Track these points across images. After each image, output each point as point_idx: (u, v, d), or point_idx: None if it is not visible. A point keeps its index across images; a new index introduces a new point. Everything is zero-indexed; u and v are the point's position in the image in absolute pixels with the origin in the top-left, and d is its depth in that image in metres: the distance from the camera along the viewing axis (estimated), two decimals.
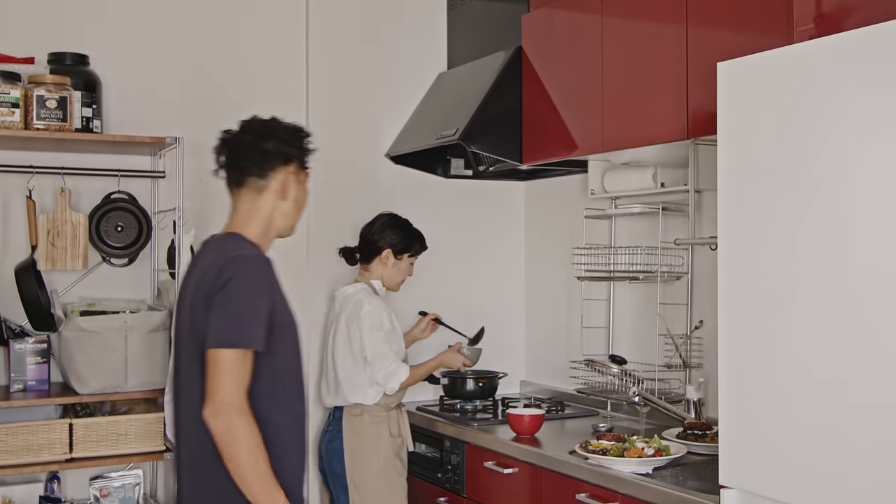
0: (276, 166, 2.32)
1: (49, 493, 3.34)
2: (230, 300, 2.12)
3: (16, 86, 3.10)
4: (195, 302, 2.19)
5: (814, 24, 2.26)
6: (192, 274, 2.29)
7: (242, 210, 2.33)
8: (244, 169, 2.30)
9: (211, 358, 2.11)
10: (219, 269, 2.15)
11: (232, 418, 2.08)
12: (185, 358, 2.23)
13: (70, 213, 3.32)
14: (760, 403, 2.14)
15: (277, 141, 2.33)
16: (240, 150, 2.31)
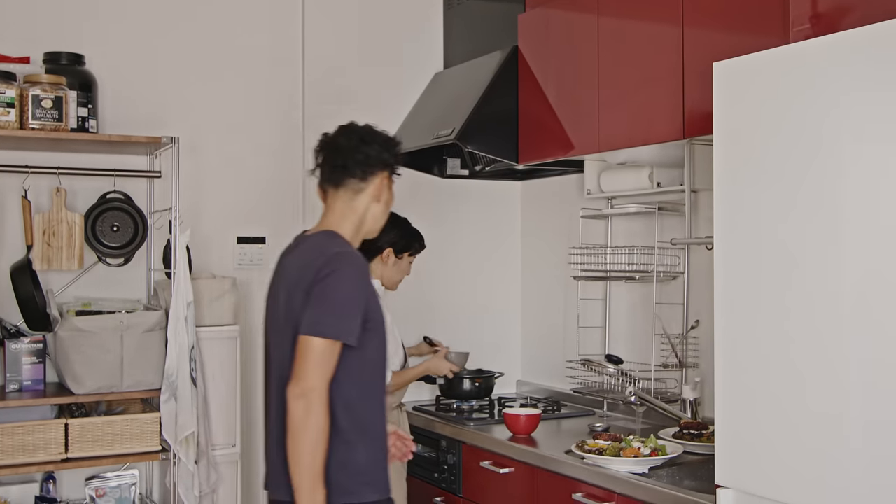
0: (375, 171, 2.45)
1: (45, 493, 3.33)
2: (328, 293, 2.26)
3: (11, 85, 3.10)
4: (293, 291, 2.32)
5: (810, 24, 2.27)
6: (289, 265, 2.43)
7: (338, 209, 2.45)
8: (347, 171, 2.43)
9: (302, 343, 2.23)
10: (320, 263, 2.28)
11: (312, 403, 2.20)
12: (279, 342, 2.37)
13: (66, 212, 3.31)
14: (756, 403, 2.14)
15: (379, 147, 2.46)
16: (345, 153, 2.43)
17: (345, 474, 2.29)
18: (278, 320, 2.39)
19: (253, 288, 3.77)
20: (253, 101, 3.81)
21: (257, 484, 3.77)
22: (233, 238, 3.77)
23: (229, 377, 3.42)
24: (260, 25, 3.83)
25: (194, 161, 3.63)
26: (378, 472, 2.37)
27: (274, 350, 2.42)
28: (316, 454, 2.21)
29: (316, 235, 2.44)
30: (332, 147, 2.46)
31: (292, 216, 3.88)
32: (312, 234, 2.46)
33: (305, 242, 2.44)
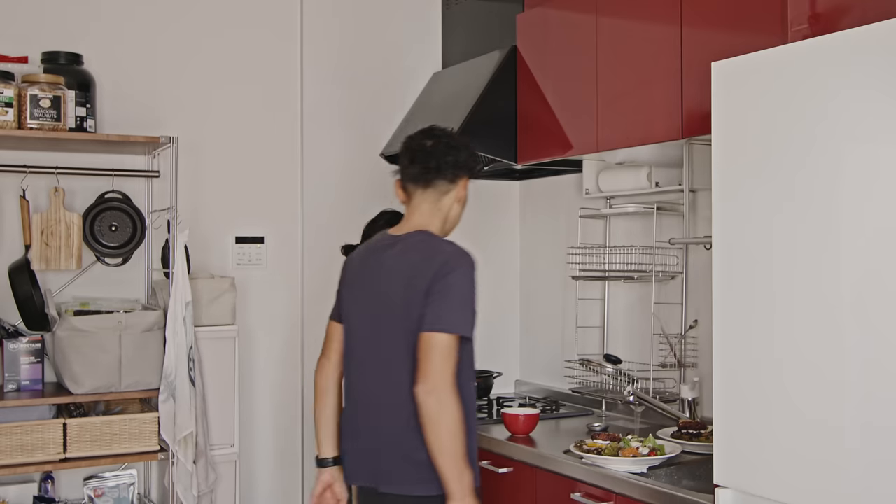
0: (462, 174, 2.58)
1: (43, 493, 3.33)
2: (451, 291, 2.38)
3: (9, 85, 3.09)
4: (408, 287, 2.43)
5: (808, 24, 2.27)
6: (393, 261, 2.51)
7: (425, 209, 2.57)
8: (440, 173, 2.54)
9: (428, 341, 2.35)
10: (440, 261, 2.41)
11: (445, 396, 2.33)
12: (383, 336, 2.48)
13: (64, 212, 3.31)
14: (755, 402, 2.14)
15: (466, 153, 2.59)
16: (437, 157, 2.54)
17: None
18: (379, 314, 2.49)
19: (251, 288, 3.77)
20: (251, 101, 3.81)
21: (255, 483, 3.77)
22: (231, 238, 3.77)
23: (227, 377, 3.42)
24: (258, 25, 3.83)
25: (193, 161, 3.63)
26: (474, 467, 2.48)
27: (370, 343, 2.52)
28: (456, 442, 2.34)
29: (418, 234, 2.54)
30: (423, 150, 2.56)
31: (290, 216, 3.88)
32: (412, 233, 2.55)
33: (406, 241, 2.53)
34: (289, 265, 3.88)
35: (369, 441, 2.51)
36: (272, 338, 3.84)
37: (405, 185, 2.60)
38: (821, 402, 1.99)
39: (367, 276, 2.57)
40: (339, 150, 3.97)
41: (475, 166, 2.63)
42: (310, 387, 3.85)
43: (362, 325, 2.56)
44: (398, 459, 2.44)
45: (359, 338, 2.57)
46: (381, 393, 2.49)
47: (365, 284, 2.57)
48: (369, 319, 2.53)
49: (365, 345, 2.55)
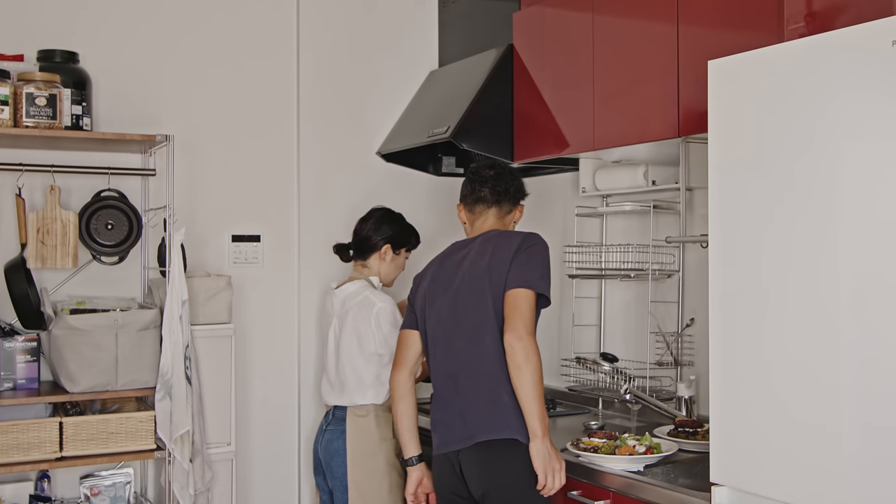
0: (522, 198, 3.02)
1: (39, 491, 3.33)
2: (533, 258, 2.71)
3: (5, 83, 3.09)
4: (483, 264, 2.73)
5: (804, 23, 2.27)
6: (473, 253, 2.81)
7: (492, 222, 2.93)
8: (508, 195, 2.95)
9: (514, 296, 2.64)
10: (521, 238, 2.76)
11: (530, 343, 2.59)
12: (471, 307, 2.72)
13: (60, 210, 3.31)
14: (751, 401, 2.14)
15: (522, 183, 3.02)
16: (506, 182, 2.95)
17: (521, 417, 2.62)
18: (463, 294, 2.74)
19: (248, 286, 3.77)
20: (248, 100, 3.81)
21: (252, 482, 3.77)
22: (227, 236, 3.76)
23: (224, 375, 3.42)
24: (255, 24, 3.82)
25: (189, 159, 3.62)
26: None
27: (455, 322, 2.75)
28: (539, 386, 2.57)
29: (491, 231, 2.86)
30: (492, 177, 2.93)
31: (287, 215, 3.88)
32: (486, 232, 2.86)
33: (483, 236, 2.85)
34: (285, 263, 3.88)
35: (463, 404, 2.70)
36: (268, 336, 3.83)
37: (472, 207, 2.95)
38: (817, 401, 1.99)
39: (447, 272, 2.84)
40: (335, 149, 3.97)
41: (525, 195, 3.01)
42: (305, 385, 3.88)
43: (445, 310, 2.78)
44: (488, 410, 2.65)
45: (443, 322, 2.79)
46: (471, 359, 2.70)
47: (445, 279, 2.83)
48: (453, 302, 2.77)
49: (449, 326, 2.77)
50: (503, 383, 2.63)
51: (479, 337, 2.69)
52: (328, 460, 3.32)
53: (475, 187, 2.94)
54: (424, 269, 2.97)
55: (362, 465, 3.26)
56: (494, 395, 2.64)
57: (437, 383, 2.82)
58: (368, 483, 3.25)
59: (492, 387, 2.65)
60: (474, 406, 2.68)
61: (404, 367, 2.92)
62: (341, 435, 3.28)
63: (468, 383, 2.70)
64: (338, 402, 3.33)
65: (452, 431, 2.72)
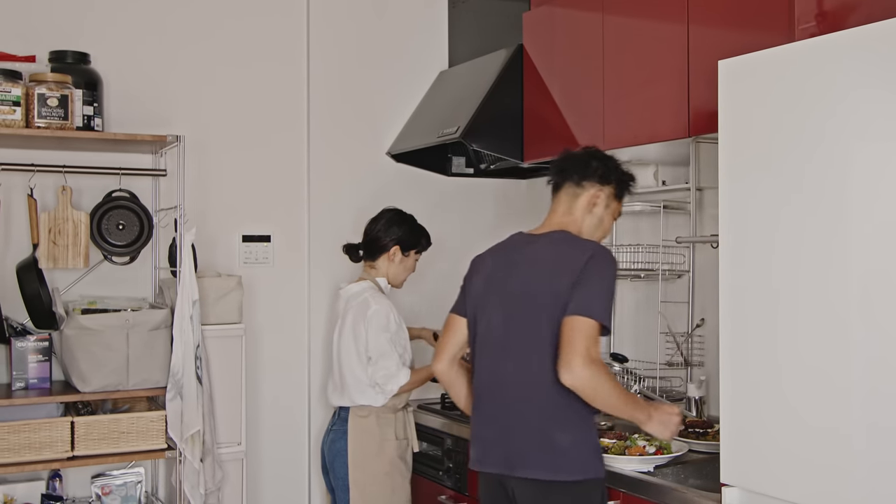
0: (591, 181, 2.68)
1: (51, 491, 3.34)
2: (597, 283, 2.48)
3: (17, 84, 3.10)
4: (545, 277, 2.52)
5: (815, 22, 2.26)
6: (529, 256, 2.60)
7: (560, 211, 2.69)
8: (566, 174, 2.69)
9: (574, 324, 2.42)
10: (587, 256, 2.49)
11: (598, 370, 2.41)
12: (527, 324, 2.53)
13: (71, 211, 3.32)
14: (762, 401, 2.14)
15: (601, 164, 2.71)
16: (571, 161, 2.71)
17: (588, 450, 2.48)
18: (520, 305, 2.54)
19: (258, 286, 3.78)
20: (258, 100, 3.82)
21: (262, 481, 3.78)
22: (238, 236, 3.77)
23: (234, 375, 3.43)
24: (265, 24, 3.83)
25: (200, 159, 3.63)
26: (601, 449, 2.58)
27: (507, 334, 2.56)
28: (618, 395, 2.44)
29: (558, 233, 2.62)
30: (563, 157, 2.74)
31: (297, 215, 3.89)
32: (553, 232, 2.63)
33: (548, 238, 2.62)
34: (295, 263, 3.88)
35: (505, 426, 2.54)
36: (279, 336, 3.84)
37: (552, 193, 2.73)
38: (827, 401, 1.99)
39: (505, 271, 2.64)
40: (345, 149, 3.97)
41: (608, 177, 2.68)
42: (315, 384, 3.88)
43: (498, 318, 2.60)
44: (535, 444, 2.48)
45: (494, 329, 2.60)
46: (519, 380, 2.53)
47: (502, 279, 2.63)
48: (507, 310, 2.58)
49: (501, 336, 2.58)
50: (553, 419, 2.47)
51: (535, 362, 2.50)
52: (331, 460, 3.33)
53: (556, 170, 2.74)
54: (485, 254, 2.76)
55: (363, 465, 3.26)
56: (544, 430, 2.47)
57: (479, 393, 2.65)
58: (370, 483, 3.25)
59: (541, 419, 2.48)
60: (518, 433, 2.51)
61: (445, 355, 2.76)
62: (344, 435, 3.29)
63: (514, 407, 2.53)
64: (340, 403, 3.34)
65: (493, 450, 2.57)
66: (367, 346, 3.26)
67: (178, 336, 3.22)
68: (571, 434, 2.46)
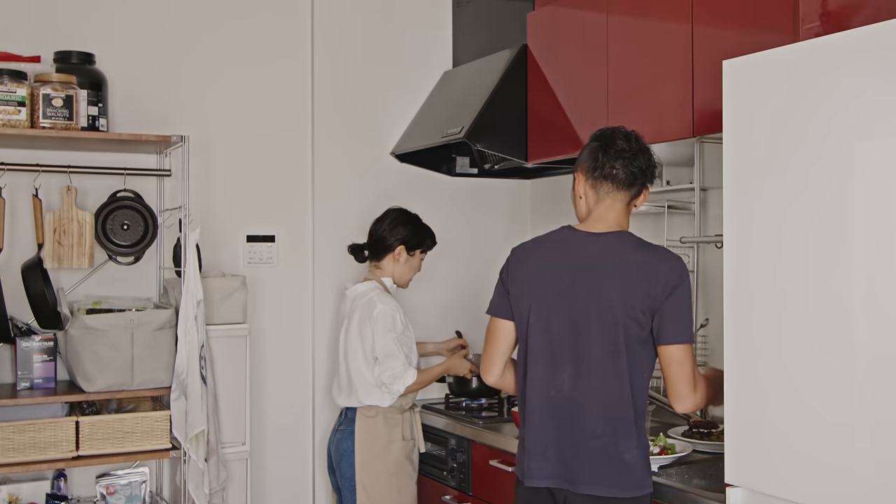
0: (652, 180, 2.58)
1: (56, 490, 3.35)
2: (683, 302, 2.39)
3: (22, 84, 3.11)
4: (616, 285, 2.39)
5: (820, 22, 2.26)
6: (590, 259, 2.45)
7: (618, 209, 2.52)
8: (644, 177, 2.53)
9: (674, 355, 2.38)
10: (668, 272, 2.38)
11: (703, 392, 2.43)
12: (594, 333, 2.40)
13: (76, 211, 3.33)
14: (766, 401, 2.13)
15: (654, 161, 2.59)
16: (644, 162, 2.52)
17: (646, 466, 2.44)
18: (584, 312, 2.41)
19: (262, 286, 3.78)
20: (262, 100, 3.82)
21: (266, 481, 3.78)
22: (242, 236, 3.78)
23: (239, 375, 3.43)
24: (269, 24, 3.83)
25: (204, 159, 3.64)
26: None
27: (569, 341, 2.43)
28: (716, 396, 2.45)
29: (623, 234, 2.50)
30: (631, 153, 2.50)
31: (301, 215, 3.89)
32: (616, 233, 2.49)
33: (609, 240, 2.47)
34: (300, 263, 3.89)
35: (566, 440, 2.44)
36: (283, 336, 3.84)
37: (598, 183, 2.50)
38: (833, 402, 1.98)
39: (560, 270, 2.47)
40: (350, 149, 3.98)
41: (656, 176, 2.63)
42: (320, 384, 3.89)
43: (559, 323, 2.45)
44: (600, 460, 2.40)
45: (553, 335, 2.46)
46: (590, 394, 2.41)
47: (562, 280, 2.46)
48: (573, 316, 2.43)
49: (563, 342, 2.44)
50: (620, 434, 2.39)
51: (601, 375, 2.40)
52: (338, 460, 3.33)
53: (606, 161, 2.49)
54: (526, 248, 2.61)
55: (370, 465, 3.26)
56: (611, 445, 2.39)
57: (533, 402, 2.49)
58: (376, 484, 3.26)
59: (606, 434, 2.39)
60: (582, 448, 2.41)
61: (495, 367, 2.62)
62: (350, 435, 3.29)
63: (577, 419, 2.42)
64: (347, 404, 3.35)
65: (549, 464, 2.46)
66: (373, 346, 3.27)
67: (182, 336, 3.22)
68: (638, 450, 2.41)
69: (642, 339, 2.39)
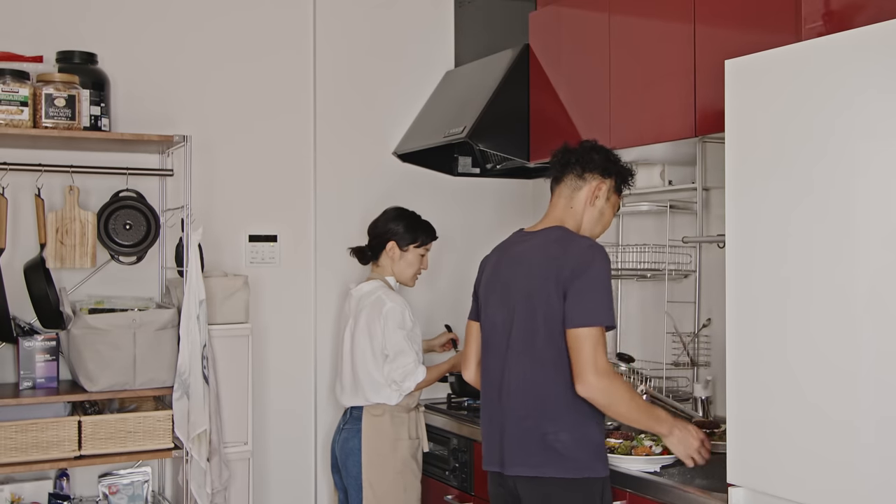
0: (592, 172, 2.68)
1: (58, 490, 3.35)
2: (591, 285, 2.46)
3: (24, 84, 3.11)
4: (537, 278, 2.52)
5: (822, 22, 2.26)
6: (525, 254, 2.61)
7: (560, 205, 2.70)
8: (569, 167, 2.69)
9: (577, 337, 2.44)
10: (578, 256, 2.48)
11: (611, 381, 2.45)
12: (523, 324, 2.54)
13: (78, 211, 3.33)
14: (768, 401, 2.13)
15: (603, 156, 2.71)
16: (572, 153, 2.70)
17: (585, 450, 2.49)
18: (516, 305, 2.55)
19: (264, 286, 3.78)
20: (264, 100, 3.82)
21: (268, 481, 3.78)
22: (244, 236, 3.78)
23: (241, 375, 3.43)
24: (271, 24, 3.84)
25: (206, 159, 3.64)
26: (604, 449, 2.58)
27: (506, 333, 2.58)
28: (636, 406, 2.48)
29: (553, 230, 2.63)
30: (563, 150, 2.72)
31: (303, 214, 3.89)
32: (548, 229, 2.64)
33: (542, 236, 2.62)
34: (302, 263, 3.89)
35: (502, 425, 2.57)
36: (285, 336, 3.85)
37: (552, 187, 2.73)
38: (835, 401, 1.98)
39: (502, 271, 2.66)
40: (351, 149, 3.98)
41: (610, 169, 2.68)
42: (322, 384, 3.89)
43: (499, 318, 2.63)
44: (529, 442, 2.51)
45: (495, 329, 2.64)
46: (516, 379, 2.55)
47: (500, 279, 2.66)
48: (507, 310, 2.60)
49: (503, 335, 2.61)
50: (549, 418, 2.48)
51: (529, 363, 2.53)
52: (344, 459, 3.33)
53: (550, 164, 2.75)
54: (490, 253, 2.80)
55: (377, 464, 3.26)
56: (539, 429, 2.49)
57: (484, 392, 2.70)
58: (383, 482, 3.26)
59: (537, 419, 2.50)
60: (513, 432, 2.54)
61: (471, 363, 2.82)
62: (357, 434, 3.29)
63: (511, 406, 2.55)
64: (352, 403, 3.34)
65: (493, 449, 2.62)
66: (384, 343, 3.27)
67: (184, 336, 3.22)
68: (569, 433, 2.48)
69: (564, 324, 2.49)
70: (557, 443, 2.48)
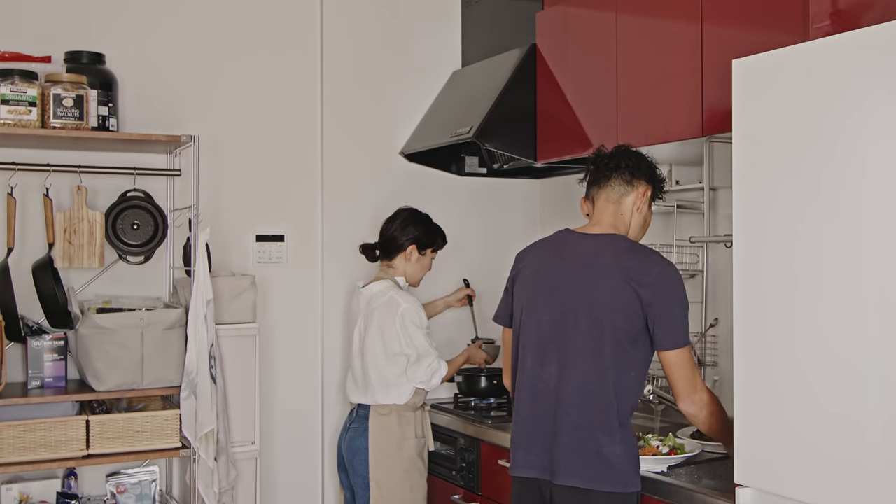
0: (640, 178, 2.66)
1: (66, 489, 3.36)
2: (676, 306, 2.47)
3: (33, 84, 3.12)
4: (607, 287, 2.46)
5: (830, 21, 2.26)
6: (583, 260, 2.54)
7: (610, 211, 2.64)
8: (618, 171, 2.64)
9: (671, 361, 2.46)
10: (655, 278, 2.45)
11: (711, 397, 2.53)
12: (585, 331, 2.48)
13: (86, 210, 3.34)
14: (775, 401, 2.13)
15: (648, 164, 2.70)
16: (618, 158, 2.66)
17: (633, 464, 2.48)
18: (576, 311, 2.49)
19: (272, 286, 3.79)
20: (272, 100, 3.83)
21: (276, 480, 3.79)
22: (252, 236, 3.78)
23: (248, 375, 3.44)
24: (278, 25, 3.84)
25: (214, 159, 3.65)
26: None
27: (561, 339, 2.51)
28: (727, 424, 2.49)
29: (615, 237, 2.57)
30: (606, 154, 2.68)
31: (311, 214, 3.89)
32: (608, 235, 2.57)
33: (603, 242, 2.55)
34: (309, 263, 3.89)
35: (550, 432, 2.51)
36: (293, 335, 3.85)
37: (590, 193, 2.67)
38: (843, 402, 1.98)
39: (554, 271, 2.58)
40: (359, 149, 3.98)
41: (653, 176, 2.66)
42: (329, 384, 3.89)
43: (546, 317, 2.55)
44: (581, 452, 2.46)
45: (541, 329, 2.56)
46: (576, 387, 2.48)
47: (551, 278, 2.58)
48: (561, 313, 2.52)
49: (551, 337, 2.53)
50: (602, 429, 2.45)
51: (582, 365, 2.47)
52: (350, 458, 3.34)
53: (591, 168, 2.69)
54: (532, 250, 2.73)
55: (384, 463, 3.27)
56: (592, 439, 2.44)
57: (522, 396, 2.60)
58: (390, 481, 3.27)
59: (590, 428, 2.45)
60: (563, 440, 2.47)
61: (507, 372, 2.78)
62: (364, 433, 3.30)
63: (560, 412, 2.49)
64: (362, 401, 3.36)
65: (534, 455, 2.55)
66: (403, 343, 3.28)
67: (192, 335, 3.23)
68: (621, 446, 2.45)
69: (633, 337, 2.46)
70: (613, 456, 2.43)
